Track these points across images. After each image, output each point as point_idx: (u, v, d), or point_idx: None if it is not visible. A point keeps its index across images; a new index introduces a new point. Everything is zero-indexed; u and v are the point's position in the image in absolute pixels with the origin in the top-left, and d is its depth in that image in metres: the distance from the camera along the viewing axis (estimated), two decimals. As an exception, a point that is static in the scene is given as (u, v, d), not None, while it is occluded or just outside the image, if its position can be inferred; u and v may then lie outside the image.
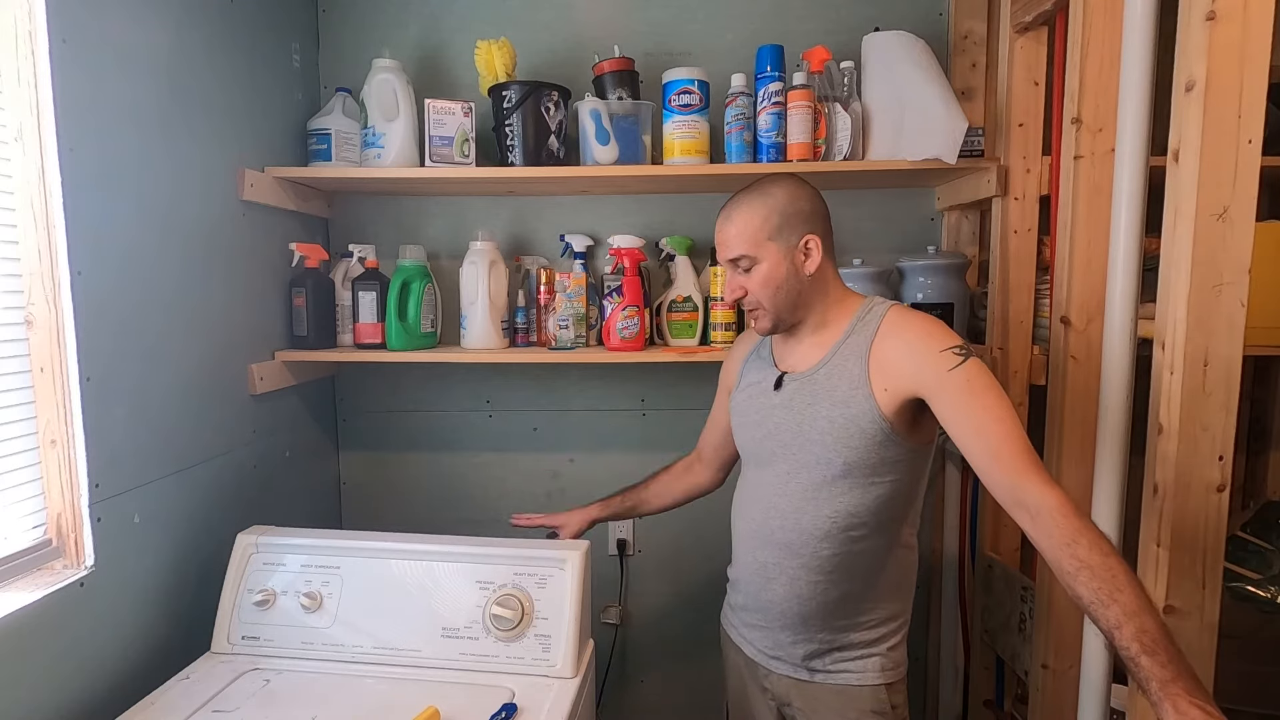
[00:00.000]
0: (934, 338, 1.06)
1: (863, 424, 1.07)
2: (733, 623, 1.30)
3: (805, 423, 1.12)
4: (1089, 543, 0.89)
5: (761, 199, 1.13)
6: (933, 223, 1.80)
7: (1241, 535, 1.50)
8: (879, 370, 1.08)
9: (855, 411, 1.08)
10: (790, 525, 1.14)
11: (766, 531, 1.17)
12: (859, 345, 1.11)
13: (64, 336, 1.09)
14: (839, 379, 1.11)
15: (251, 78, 1.54)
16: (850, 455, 1.08)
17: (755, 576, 1.19)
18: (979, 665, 1.71)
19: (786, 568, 1.14)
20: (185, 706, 1.08)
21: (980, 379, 1.02)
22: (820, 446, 1.10)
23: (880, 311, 1.13)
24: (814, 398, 1.12)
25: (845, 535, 1.11)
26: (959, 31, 1.70)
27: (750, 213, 1.13)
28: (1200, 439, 1.03)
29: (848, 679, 1.16)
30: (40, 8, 1.04)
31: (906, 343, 1.08)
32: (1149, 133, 1.13)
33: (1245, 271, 1.00)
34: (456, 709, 1.06)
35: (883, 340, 1.10)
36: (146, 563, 1.24)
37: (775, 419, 1.17)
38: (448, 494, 1.91)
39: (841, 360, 1.12)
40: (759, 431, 1.19)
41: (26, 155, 1.06)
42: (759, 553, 1.18)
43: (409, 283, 1.64)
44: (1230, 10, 0.96)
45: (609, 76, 1.62)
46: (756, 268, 1.13)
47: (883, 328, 1.11)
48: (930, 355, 1.04)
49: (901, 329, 1.10)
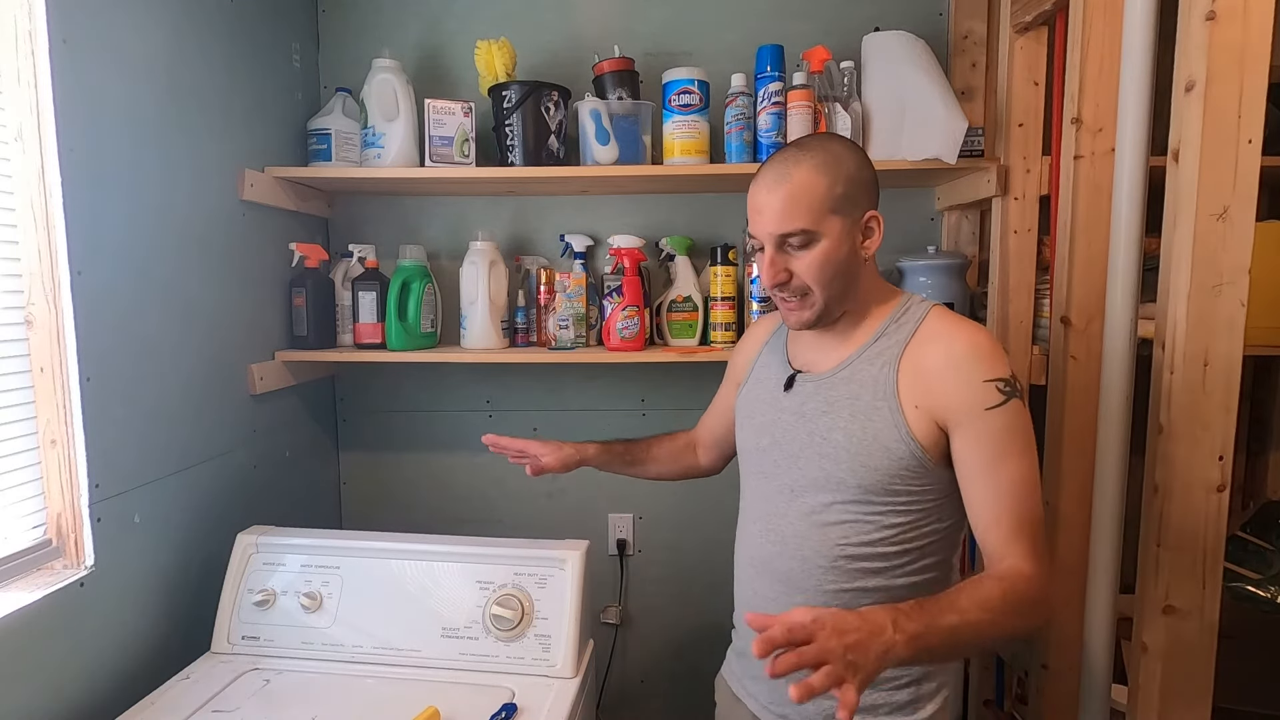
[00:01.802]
0: (983, 362, 0.90)
1: (887, 442, 0.92)
2: (735, 672, 1.12)
3: (817, 433, 0.97)
4: (1022, 612, 0.83)
5: (828, 162, 0.93)
6: (933, 223, 1.80)
7: (1241, 535, 1.50)
8: (911, 381, 0.93)
9: (879, 426, 0.93)
10: (791, 553, 0.98)
11: (764, 558, 1.02)
12: (890, 349, 0.95)
13: (64, 336, 1.09)
14: (862, 386, 0.95)
15: (251, 78, 1.54)
16: (868, 477, 0.93)
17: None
18: (979, 665, 1.71)
19: (787, 605, 0.88)
20: (185, 706, 1.08)
21: (1017, 426, 0.89)
22: (832, 463, 0.95)
23: (920, 312, 0.97)
24: (830, 405, 0.97)
25: (857, 569, 0.94)
26: (959, 31, 1.70)
27: (815, 177, 0.92)
28: (1200, 439, 1.03)
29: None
30: (40, 8, 1.04)
31: (950, 357, 0.92)
32: (1149, 133, 1.13)
33: (1245, 271, 1.00)
34: (456, 709, 1.06)
35: (921, 346, 0.94)
36: (146, 563, 1.24)
37: (782, 425, 1.02)
38: (448, 494, 1.91)
39: (867, 364, 0.96)
40: (763, 438, 1.04)
41: (26, 155, 1.06)
42: (757, 583, 1.03)
43: (409, 283, 1.64)
44: (1230, 10, 0.96)
45: (609, 76, 1.62)
46: (815, 246, 0.93)
47: (921, 331, 0.95)
48: (973, 384, 0.89)
49: (946, 338, 0.93)
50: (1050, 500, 1.36)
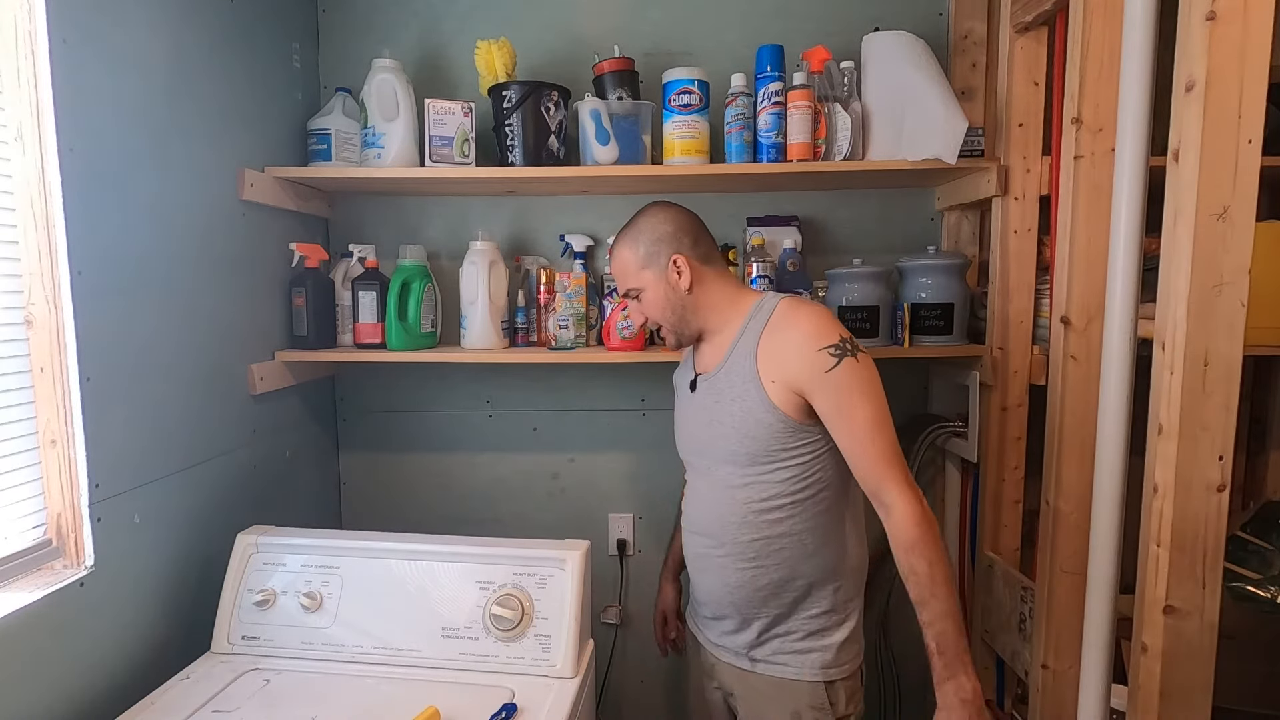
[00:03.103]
0: (813, 336, 1.12)
1: (759, 414, 1.14)
2: (690, 615, 1.38)
3: (714, 419, 1.20)
4: (920, 552, 1.06)
5: (630, 233, 1.24)
6: (933, 223, 1.80)
7: (1241, 535, 1.50)
8: (767, 363, 1.15)
9: (751, 404, 1.15)
10: (713, 516, 1.21)
11: (697, 524, 1.25)
12: (749, 342, 1.18)
13: (64, 336, 1.09)
14: (736, 375, 1.18)
15: (251, 78, 1.54)
16: (753, 445, 1.15)
17: (693, 566, 1.29)
18: (979, 665, 1.71)
19: (714, 556, 1.22)
20: (185, 706, 1.08)
21: (853, 379, 1.10)
22: (726, 440, 1.18)
23: (770, 306, 1.19)
24: (719, 395, 1.20)
25: (761, 520, 1.17)
26: (959, 31, 1.70)
27: (622, 249, 1.24)
28: (1200, 439, 1.03)
29: (785, 672, 1.20)
30: (40, 8, 1.04)
31: (788, 339, 1.14)
32: (1149, 133, 1.13)
33: (1245, 271, 1.00)
34: (456, 709, 1.06)
35: (769, 335, 1.17)
36: (146, 563, 1.24)
37: (692, 419, 1.26)
38: (448, 494, 1.91)
39: (738, 358, 1.19)
40: (683, 433, 1.30)
41: (26, 155, 1.06)
42: (692, 543, 1.27)
43: (409, 283, 1.64)
44: (1230, 10, 0.96)
45: (609, 76, 1.62)
46: (644, 295, 1.23)
47: (771, 321, 1.17)
48: (808, 355, 1.11)
49: (786, 325, 1.16)
50: (1050, 500, 1.36)
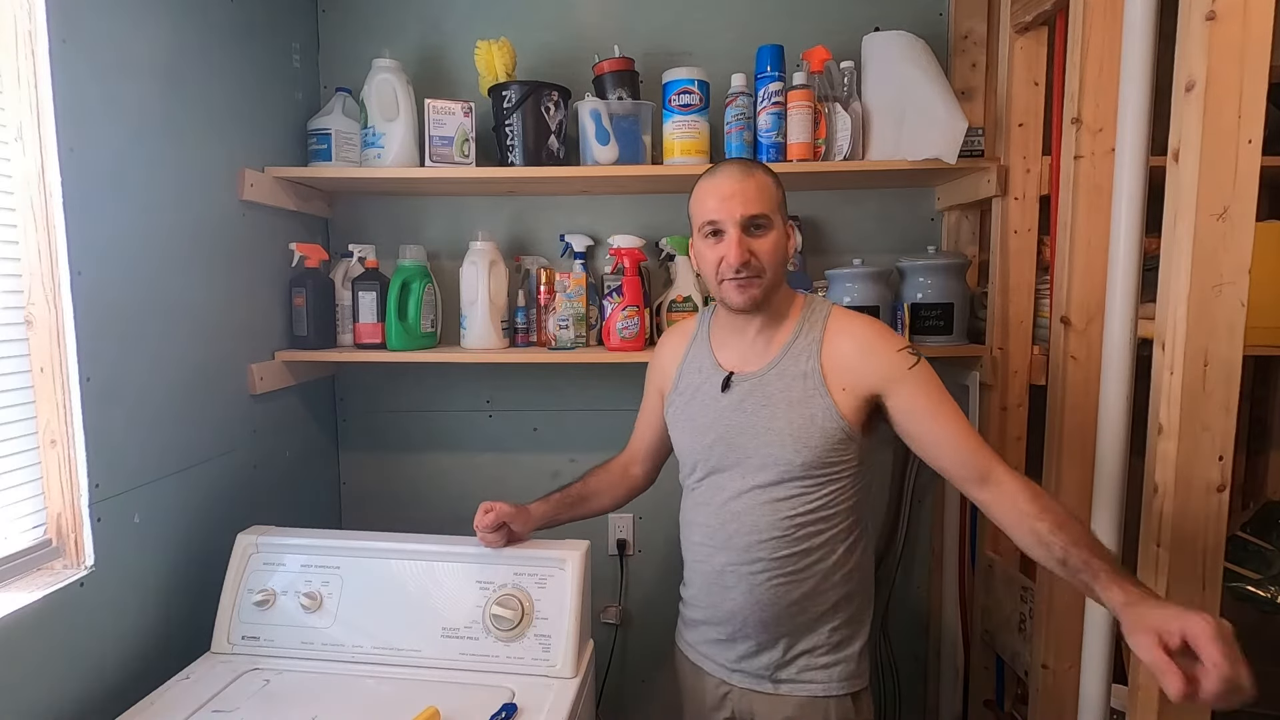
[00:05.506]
0: (889, 338, 1.12)
1: (822, 424, 1.09)
2: (689, 641, 1.26)
3: (760, 424, 1.11)
4: (1046, 498, 1.00)
5: (772, 174, 1.13)
6: (933, 223, 1.80)
7: (1241, 535, 1.50)
8: (835, 370, 1.10)
9: (814, 411, 1.09)
10: (748, 528, 1.12)
11: (723, 537, 1.14)
12: (809, 345, 1.12)
13: (64, 336, 1.09)
14: (794, 379, 1.11)
15: (251, 78, 1.54)
16: (809, 455, 1.09)
17: (713, 586, 1.16)
18: (979, 665, 1.71)
19: (744, 573, 1.12)
20: (185, 706, 1.08)
21: (932, 375, 1.09)
22: (778, 448, 1.10)
23: (824, 311, 1.16)
24: (768, 399, 1.12)
25: (801, 533, 1.11)
26: (959, 31, 1.70)
27: (770, 179, 1.12)
28: (1200, 439, 1.03)
29: (813, 689, 1.15)
30: (40, 8, 1.04)
31: (861, 344, 1.11)
32: (1149, 133, 1.13)
33: (1245, 271, 1.00)
34: (456, 709, 1.06)
35: (834, 340, 1.12)
36: (146, 563, 1.24)
37: (727, 422, 1.14)
38: (448, 494, 1.90)
39: (793, 360, 1.12)
40: (708, 436, 1.16)
41: (26, 155, 1.06)
42: (715, 559, 1.15)
43: (409, 283, 1.64)
44: (1230, 10, 0.96)
45: (609, 76, 1.62)
46: (770, 234, 1.10)
47: (831, 327, 1.13)
48: (889, 355, 1.09)
49: (852, 331, 1.13)
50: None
